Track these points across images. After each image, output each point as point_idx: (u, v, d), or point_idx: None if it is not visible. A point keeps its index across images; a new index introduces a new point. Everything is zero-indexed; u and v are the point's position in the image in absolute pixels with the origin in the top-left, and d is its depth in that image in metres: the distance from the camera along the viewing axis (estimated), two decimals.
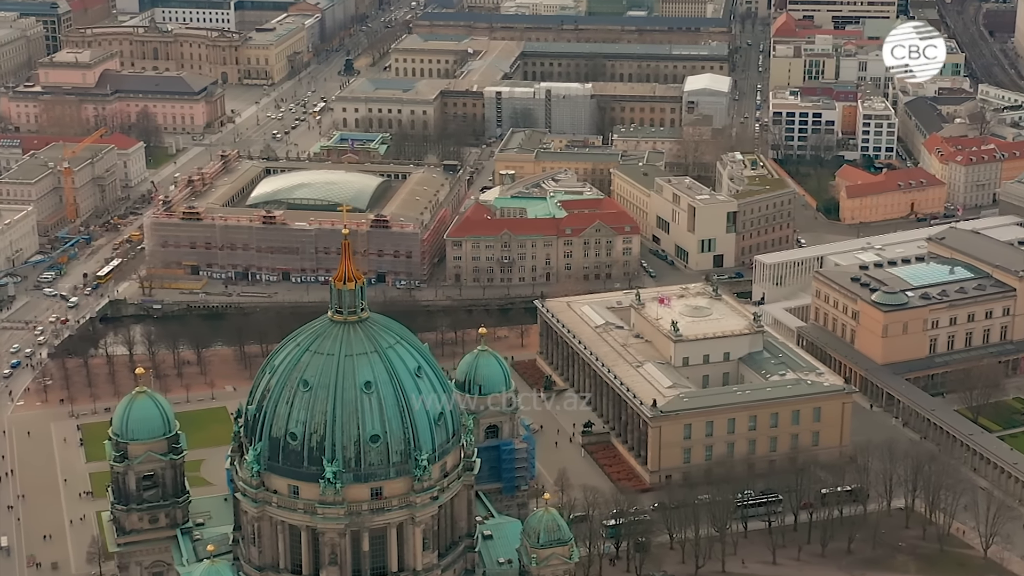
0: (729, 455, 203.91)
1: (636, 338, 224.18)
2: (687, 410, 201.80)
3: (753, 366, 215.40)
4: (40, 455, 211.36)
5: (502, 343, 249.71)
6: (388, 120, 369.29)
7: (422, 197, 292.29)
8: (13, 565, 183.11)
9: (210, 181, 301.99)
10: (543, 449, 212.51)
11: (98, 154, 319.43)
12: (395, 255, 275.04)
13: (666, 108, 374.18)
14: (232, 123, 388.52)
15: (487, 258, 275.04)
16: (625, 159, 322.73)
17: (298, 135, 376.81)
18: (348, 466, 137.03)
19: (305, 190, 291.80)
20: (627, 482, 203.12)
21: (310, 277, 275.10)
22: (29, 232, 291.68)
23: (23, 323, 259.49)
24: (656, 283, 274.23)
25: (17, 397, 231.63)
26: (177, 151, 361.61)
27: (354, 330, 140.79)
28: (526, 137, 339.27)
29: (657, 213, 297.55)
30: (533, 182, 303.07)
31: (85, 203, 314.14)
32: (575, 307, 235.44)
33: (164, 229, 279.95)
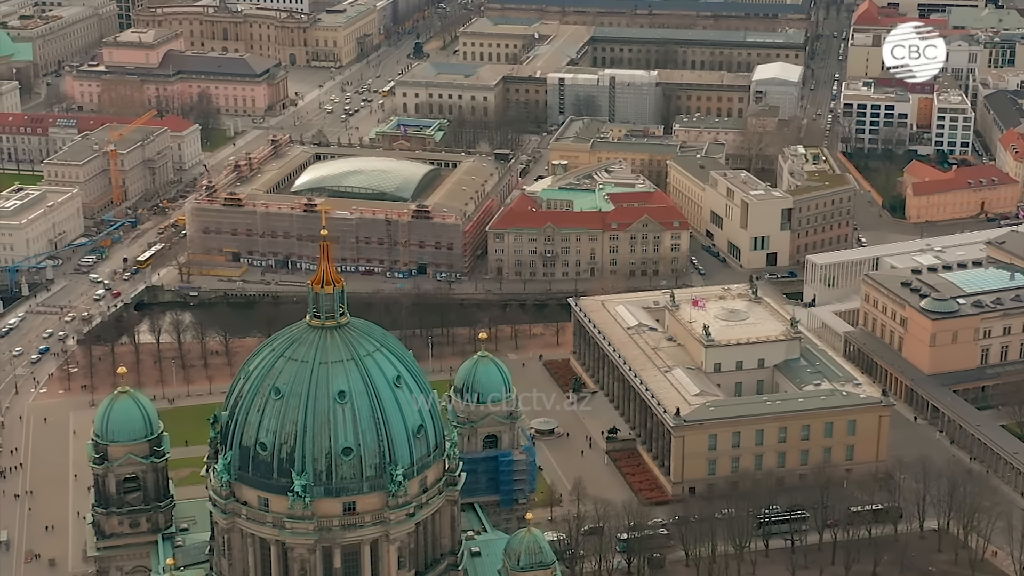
0: (757, 468, 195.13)
1: (669, 341, 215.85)
2: (712, 420, 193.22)
3: (788, 374, 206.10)
4: (54, 445, 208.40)
5: (537, 340, 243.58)
6: (448, 106, 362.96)
7: (469, 187, 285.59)
8: (11, 560, 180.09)
9: (258, 166, 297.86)
10: (566, 454, 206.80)
11: (149, 136, 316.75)
12: (436, 246, 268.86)
13: (733, 97, 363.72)
14: (294, 106, 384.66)
15: (529, 251, 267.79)
16: (683, 150, 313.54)
17: (359, 119, 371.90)
18: (319, 479, 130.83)
19: (350, 178, 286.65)
20: (649, 493, 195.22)
21: (350, 267, 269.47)
22: (74, 214, 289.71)
23: (58, 308, 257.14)
24: (706, 281, 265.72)
25: (41, 384, 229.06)
26: (235, 134, 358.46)
27: (331, 336, 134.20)
28: (584, 126, 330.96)
29: (711, 208, 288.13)
30: (585, 173, 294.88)
31: (134, 186, 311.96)
32: (609, 306, 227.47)
33: (205, 215, 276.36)
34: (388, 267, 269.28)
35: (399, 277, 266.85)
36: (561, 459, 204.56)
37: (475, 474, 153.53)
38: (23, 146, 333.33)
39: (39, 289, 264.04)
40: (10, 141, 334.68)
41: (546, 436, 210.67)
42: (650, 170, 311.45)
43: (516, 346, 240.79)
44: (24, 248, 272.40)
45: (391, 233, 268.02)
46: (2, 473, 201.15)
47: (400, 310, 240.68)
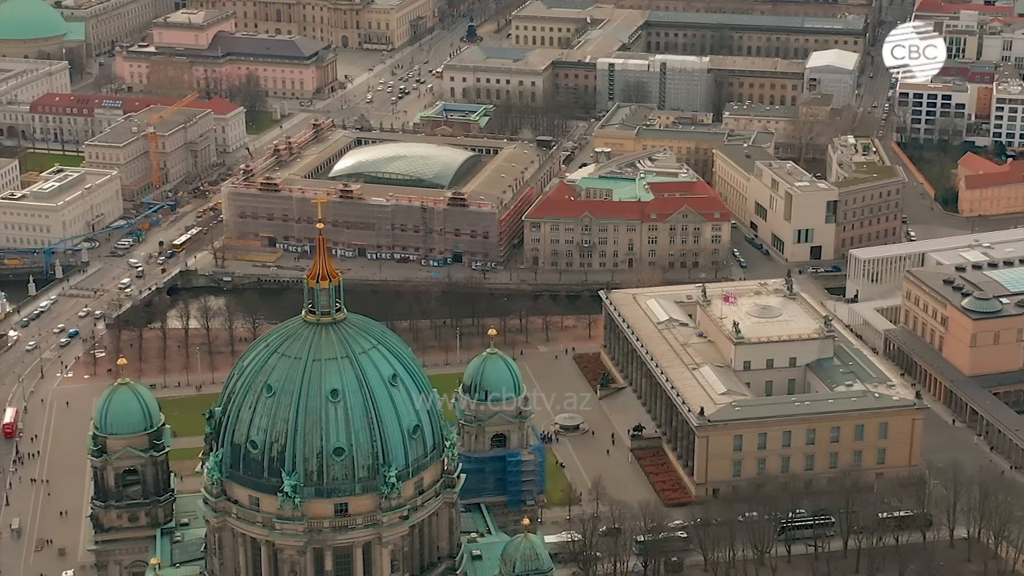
0: (784, 470, 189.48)
1: (699, 337, 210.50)
2: (737, 420, 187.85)
3: (821, 374, 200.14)
4: (75, 431, 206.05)
5: (568, 333, 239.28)
6: (496, 91, 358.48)
7: (508, 174, 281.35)
8: (21, 548, 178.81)
9: (297, 150, 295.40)
10: (589, 451, 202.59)
11: (192, 119, 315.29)
12: (472, 235, 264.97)
13: (787, 85, 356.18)
14: (343, 89, 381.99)
15: (566, 241, 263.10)
16: (731, 139, 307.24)
17: (408, 103, 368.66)
18: (310, 480, 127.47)
19: (389, 163, 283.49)
20: (671, 494, 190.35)
21: (385, 254, 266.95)
22: (113, 197, 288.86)
23: (91, 290, 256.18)
24: (746, 274, 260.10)
25: (68, 369, 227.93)
26: (282, 116, 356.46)
27: (326, 333, 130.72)
28: (631, 113, 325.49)
29: (756, 199, 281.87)
30: (628, 161, 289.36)
31: (176, 168, 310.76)
32: (640, 300, 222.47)
33: (242, 199, 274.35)
34: (423, 255, 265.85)
35: (434, 265, 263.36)
36: (584, 456, 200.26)
37: (482, 474, 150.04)
38: (69, 126, 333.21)
39: (72, 272, 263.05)
40: (56, 121, 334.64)
41: (571, 432, 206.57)
42: (696, 159, 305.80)
43: (547, 338, 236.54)
44: (61, 230, 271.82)
45: (427, 221, 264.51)
46: (21, 459, 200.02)
47: (430, 299, 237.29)
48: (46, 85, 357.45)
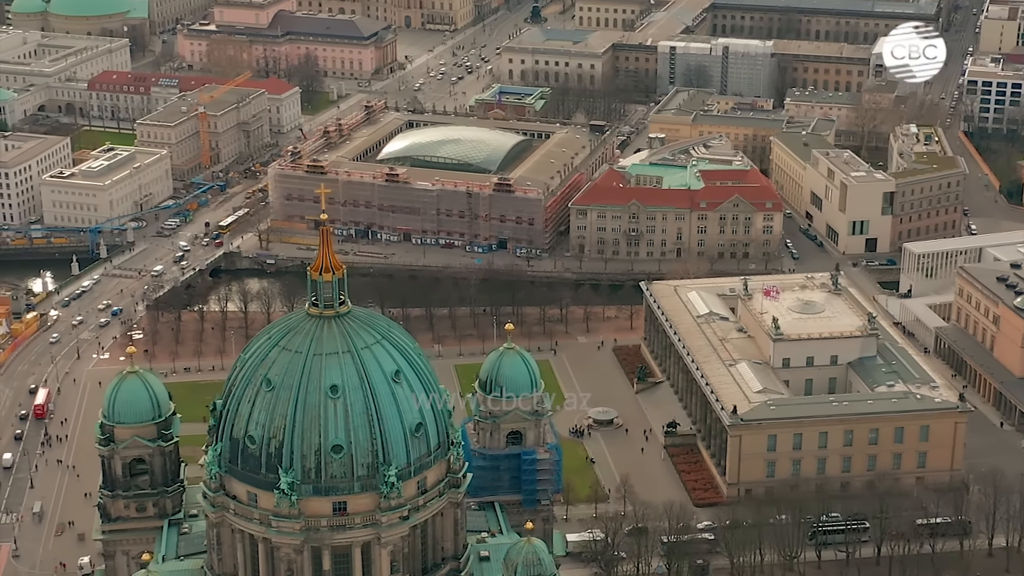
0: (820, 472, 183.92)
1: (739, 332, 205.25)
2: (771, 419, 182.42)
3: (862, 373, 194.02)
4: None
5: (609, 324, 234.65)
6: (554, 73, 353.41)
7: (557, 160, 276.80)
8: (42, 532, 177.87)
9: (348, 132, 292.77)
10: (622, 447, 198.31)
11: (245, 98, 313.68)
12: (517, 221, 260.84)
13: (852, 71, 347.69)
14: (402, 70, 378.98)
15: (613, 229, 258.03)
16: (790, 126, 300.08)
17: (466, 85, 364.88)
18: (307, 477, 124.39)
19: (437, 147, 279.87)
20: (702, 493, 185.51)
21: (430, 239, 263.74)
22: (162, 176, 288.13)
23: (135, 271, 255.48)
24: (798, 267, 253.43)
25: (104, 349, 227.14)
26: (338, 97, 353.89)
27: (328, 326, 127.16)
28: (689, 97, 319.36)
29: (811, 188, 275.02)
30: (682, 147, 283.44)
31: (227, 148, 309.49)
32: (681, 292, 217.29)
33: (288, 181, 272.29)
34: (468, 241, 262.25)
35: (478, 251, 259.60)
36: (616, 452, 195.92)
37: (497, 472, 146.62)
38: (125, 104, 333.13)
39: (117, 252, 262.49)
40: (112, 99, 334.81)
41: (604, 427, 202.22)
42: (754, 146, 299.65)
43: (587, 329, 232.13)
44: (108, 209, 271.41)
45: (472, 206, 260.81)
46: (49, 440, 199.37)
47: (468, 287, 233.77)
48: (106, 62, 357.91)
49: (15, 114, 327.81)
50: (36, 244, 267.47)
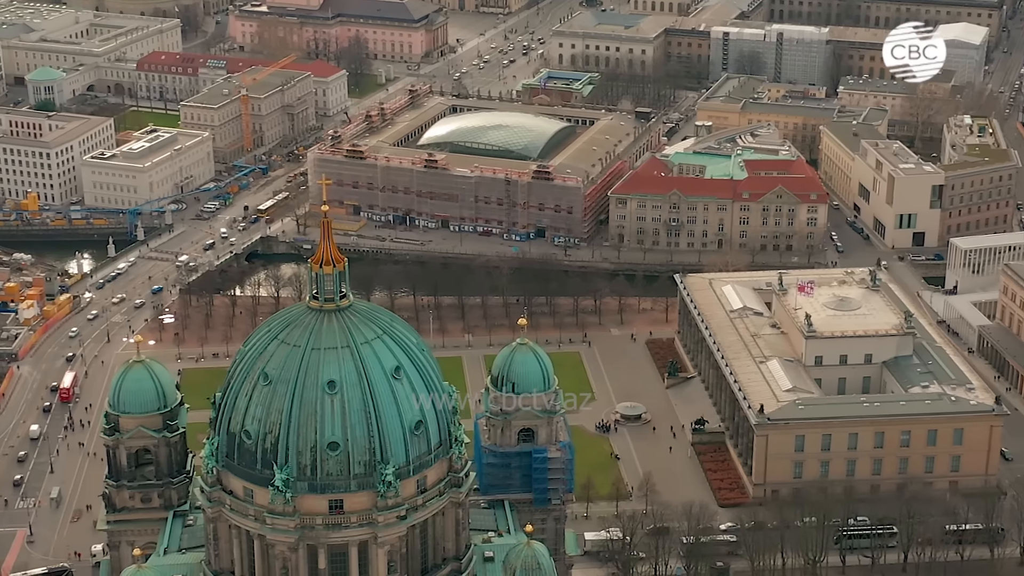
0: (849, 474, 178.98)
1: (772, 328, 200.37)
2: (799, 419, 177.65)
3: (897, 373, 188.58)
4: None
5: (644, 317, 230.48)
6: (604, 58, 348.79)
7: (600, 147, 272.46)
8: (58, 518, 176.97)
9: (391, 117, 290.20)
10: (649, 444, 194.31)
11: (290, 81, 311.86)
12: (556, 209, 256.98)
13: None
14: (453, 53, 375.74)
15: (653, 219, 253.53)
16: (841, 115, 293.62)
17: (517, 69, 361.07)
18: (303, 474, 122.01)
19: (479, 133, 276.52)
20: (728, 493, 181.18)
21: (468, 226, 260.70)
22: (204, 159, 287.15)
23: (171, 254, 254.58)
24: (842, 261, 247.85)
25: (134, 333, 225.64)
26: (387, 80, 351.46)
27: (328, 320, 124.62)
28: (739, 84, 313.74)
29: (859, 180, 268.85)
30: (729, 136, 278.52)
31: (271, 131, 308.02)
32: (716, 285, 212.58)
33: (328, 166, 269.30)
34: (506, 229, 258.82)
35: (516, 240, 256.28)
36: (642, 448, 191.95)
37: (508, 469, 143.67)
38: (173, 85, 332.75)
39: (154, 235, 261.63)
40: (160, 80, 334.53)
41: (632, 422, 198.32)
42: (803, 135, 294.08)
43: (621, 320, 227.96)
44: (147, 191, 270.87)
45: (510, 193, 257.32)
46: (72, 424, 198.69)
47: (501, 276, 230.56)
48: (156, 43, 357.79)
49: (63, 94, 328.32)
50: (75, 225, 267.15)
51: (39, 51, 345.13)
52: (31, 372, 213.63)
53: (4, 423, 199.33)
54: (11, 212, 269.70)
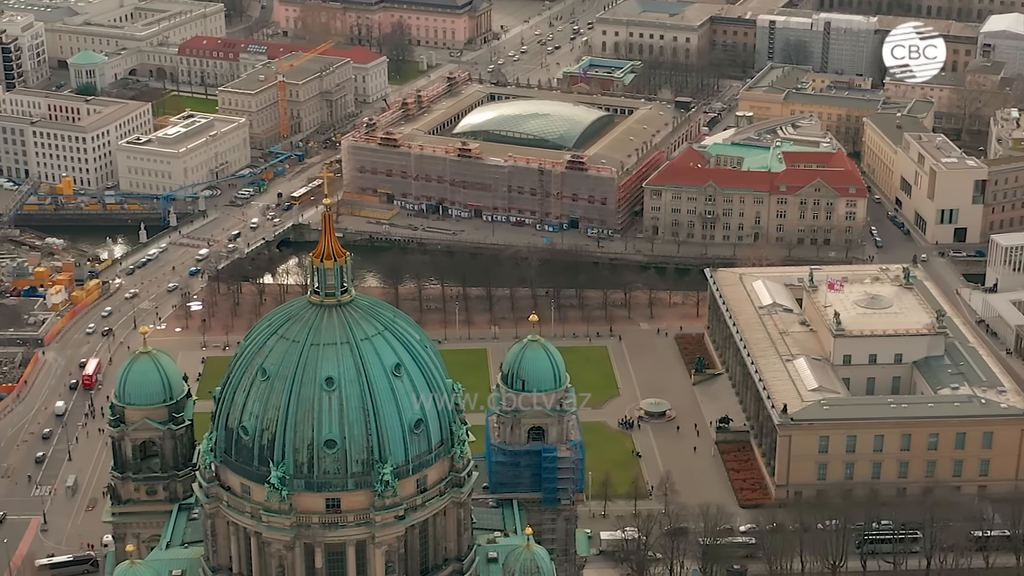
0: (875, 477, 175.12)
1: (801, 325, 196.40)
2: (823, 420, 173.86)
3: (927, 374, 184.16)
4: None
5: (674, 311, 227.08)
6: (648, 46, 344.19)
7: (637, 137, 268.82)
8: (73, 507, 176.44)
9: (428, 104, 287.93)
10: (671, 441, 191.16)
11: (329, 67, 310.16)
12: (589, 200, 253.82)
13: (959, 50, 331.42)
14: (496, 40, 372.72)
15: (688, 211, 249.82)
16: (885, 107, 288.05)
17: (560, 56, 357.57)
18: (300, 472, 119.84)
19: (513, 122, 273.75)
20: (750, 494, 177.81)
21: (500, 216, 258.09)
22: (240, 145, 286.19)
23: (204, 240, 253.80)
24: (880, 256, 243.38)
25: (161, 320, 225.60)
26: (428, 67, 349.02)
27: (329, 315, 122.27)
28: (783, 74, 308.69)
29: (901, 174, 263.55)
30: (769, 127, 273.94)
31: (309, 118, 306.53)
32: (747, 281, 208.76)
33: (361, 153, 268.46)
34: (539, 219, 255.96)
35: (549, 230, 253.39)
36: (665, 446, 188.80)
37: (517, 468, 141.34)
38: (213, 70, 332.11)
39: (186, 221, 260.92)
40: (201, 64, 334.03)
41: (656, 419, 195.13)
42: (847, 127, 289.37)
43: (651, 314, 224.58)
44: (182, 177, 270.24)
45: (544, 184, 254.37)
46: (93, 412, 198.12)
47: (529, 267, 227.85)
48: (200, 27, 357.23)
49: (105, 78, 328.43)
50: (109, 210, 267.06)
51: (82, 35, 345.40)
52: (56, 358, 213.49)
53: (26, 409, 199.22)
54: (46, 196, 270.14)
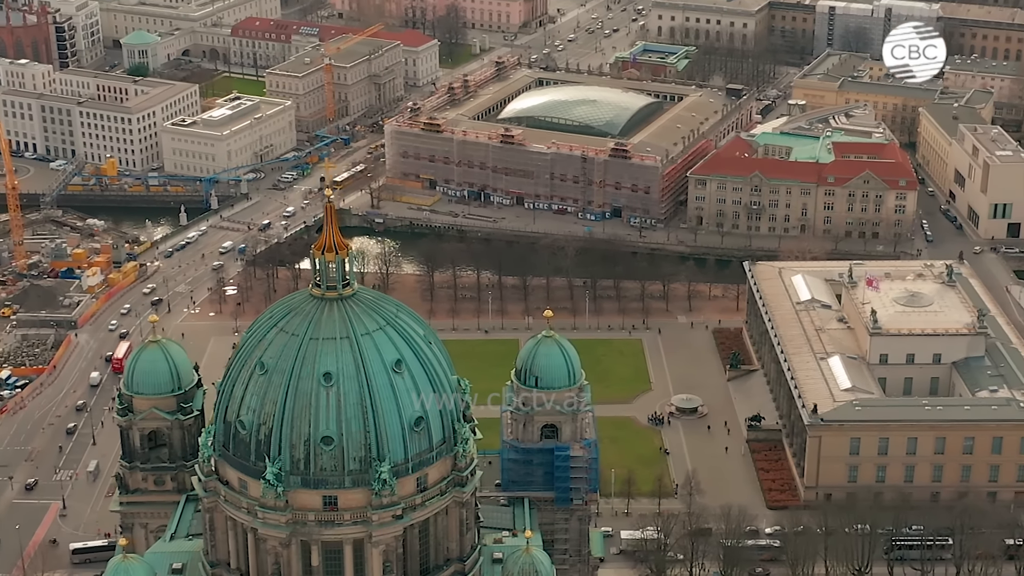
0: (907, 481, 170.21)
1: (839, 323, 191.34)
2: (854, 421, 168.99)
3: (966, 375, 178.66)
4: None
5: (714, 304, 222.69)
6: (704, 31, 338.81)
7: (685, 125, 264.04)
8: (93, 492, 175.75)
9: (475, 89, 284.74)
10: (701, 438, 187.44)
11: (378, 50, 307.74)
12: (632, 189, 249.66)
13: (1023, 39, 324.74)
14: (552, 23, 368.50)
15: (733, 202, 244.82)
16: (943, 97, 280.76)
17: (616, 40, 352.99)
18: (296, 468, 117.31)
19: (560, 108, 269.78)
20: (779, 495, 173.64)
21: (542, 204, 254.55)
22: (285, 128, 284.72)
23: (244, 224, 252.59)
24: (930, 251, 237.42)
25: (196, 304, 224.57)
26: (481, 51, 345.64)
27: (330, 309, 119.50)
28: (839, 62, 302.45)
29: (956, 166, 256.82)
30: (821, 116, 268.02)
31: (357, 101, 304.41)
32: (785, 275, 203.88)
33: (404, 139, 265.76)
34: (582, 208, 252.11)
35: (591, 219, 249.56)
36: (694, 443, 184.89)
37: (529, 466, 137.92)
38: (265, 52, 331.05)
39: (227, 204, 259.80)
40: (252, 46, 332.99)
41: (687, 415, 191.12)
42: (902, 117, 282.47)
43: (689, 307, 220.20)
44: (225, 160, 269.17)
45: (586, 171, 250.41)
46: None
47: (565, 257, 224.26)
48: (254, 8, 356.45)
49: (158, 58, 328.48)
50: (152, 192, 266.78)
51: (137, 14, 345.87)
52: (88, 341, 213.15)
53: (55, 392, 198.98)
54: (90, 177, 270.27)
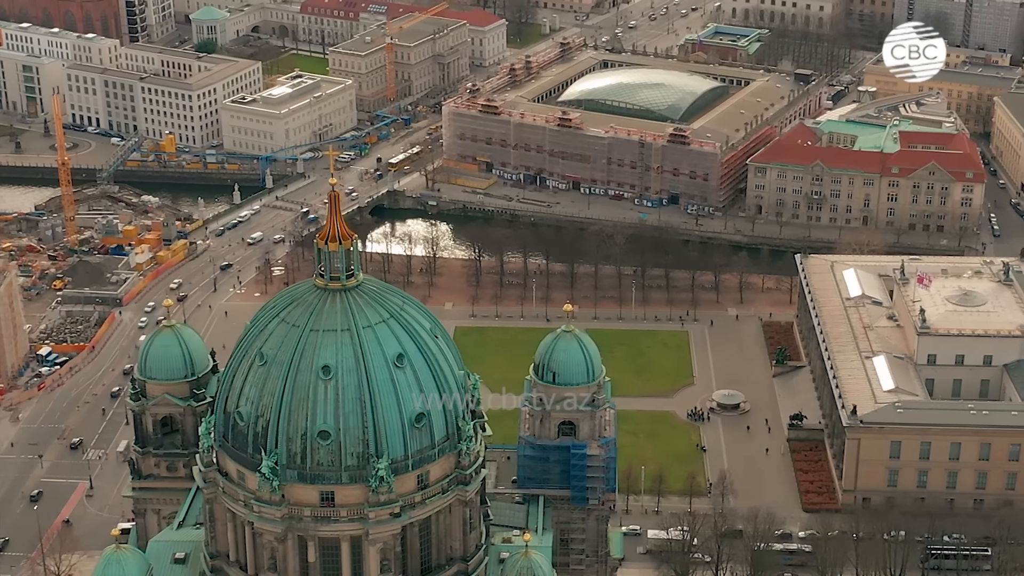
0: (950, 487, 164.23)
1: (889, 320, 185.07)
2: (895, 424, 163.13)
3: (1018, 378, 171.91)
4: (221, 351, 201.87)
5: (766, 296, 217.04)
6: (779, 14, 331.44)
7: (749, 110, 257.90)
8: (120, 474, 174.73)
9: (537, 70, 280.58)
10: (740, 436, 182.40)
11: (442, 29, 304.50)
12: (691, 175, 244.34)
13: None
14: (626, 3, 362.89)
15: (794, 191, 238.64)
16: (1020, 86, 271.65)
17: (691, 21, 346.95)
18: (292, 462, 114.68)
19: (620, 91, 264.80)
20: (816, 498, 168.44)
21: (599, 189, 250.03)
22: (346, 107, 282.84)
23: (297, 204, 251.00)
24: (996, 246, 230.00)
25: (242, 284, 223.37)
26: (551, 31, 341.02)
27: (332, 300, 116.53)
28: None
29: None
30: (891, 104, 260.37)
31: (420, 81, 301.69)
32: (838, 269, 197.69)
33: (461, 120, 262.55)
34: (639, 194, 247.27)
35: (647, 206, 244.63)
36: (732, 441, 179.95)
37: (545, 463, 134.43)
38: (332, 29, 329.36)
39: (282, 184, 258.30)
40: (320, 23, 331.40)
41: (728, 411, 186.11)
42: (977, 106, 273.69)
43: (740, 299, 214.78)
44: (283, 138, 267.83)
45: (644, 157, 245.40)
46: None
47: (614, 244, 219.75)
48: None
49: (227, 34, 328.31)
50: (210, 169, 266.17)
51: None
52: (132, 319, 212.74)
53: (94, 369, 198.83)
54: (149, 153, 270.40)
